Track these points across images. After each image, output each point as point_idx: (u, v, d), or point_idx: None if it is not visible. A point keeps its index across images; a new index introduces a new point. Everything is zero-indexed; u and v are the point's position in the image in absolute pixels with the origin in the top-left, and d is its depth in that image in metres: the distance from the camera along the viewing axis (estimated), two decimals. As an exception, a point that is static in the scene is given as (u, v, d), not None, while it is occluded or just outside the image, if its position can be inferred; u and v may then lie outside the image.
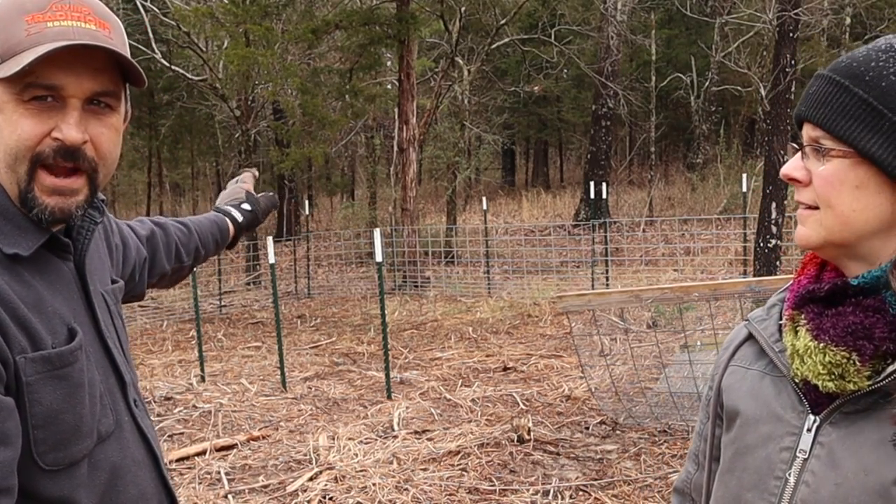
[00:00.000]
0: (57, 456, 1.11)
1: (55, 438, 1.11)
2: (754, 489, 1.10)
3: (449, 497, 4.26)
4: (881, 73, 0.96)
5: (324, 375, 7.18)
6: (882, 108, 0.95)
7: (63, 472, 1.13)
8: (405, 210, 12.69)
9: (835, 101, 0.98)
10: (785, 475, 1.06)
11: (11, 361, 1.06)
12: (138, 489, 1.27)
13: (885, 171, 0.95)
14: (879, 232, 0.98)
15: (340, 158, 24.45)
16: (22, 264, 1.12)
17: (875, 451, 0.98)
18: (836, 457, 1.02)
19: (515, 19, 15.80)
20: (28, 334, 1.08)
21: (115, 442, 1.23)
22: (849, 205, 0.98)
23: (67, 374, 1.13)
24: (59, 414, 1.12)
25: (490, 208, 18.17)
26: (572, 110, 25.30)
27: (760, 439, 1.10)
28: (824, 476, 1.02)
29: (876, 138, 0.95)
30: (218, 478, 4.74)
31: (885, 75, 0.96)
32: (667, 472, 4.43)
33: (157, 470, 1.34)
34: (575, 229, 16.02)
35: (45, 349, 1.10)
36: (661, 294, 4.83)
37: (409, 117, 12.40)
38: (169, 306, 11.17)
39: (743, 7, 15.91)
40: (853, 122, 0.97)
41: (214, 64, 14.51)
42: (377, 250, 6.33)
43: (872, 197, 0.97)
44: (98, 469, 1.19)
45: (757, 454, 1.10)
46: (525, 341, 8.12)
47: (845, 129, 0.97)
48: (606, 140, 18.38)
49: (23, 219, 1.11)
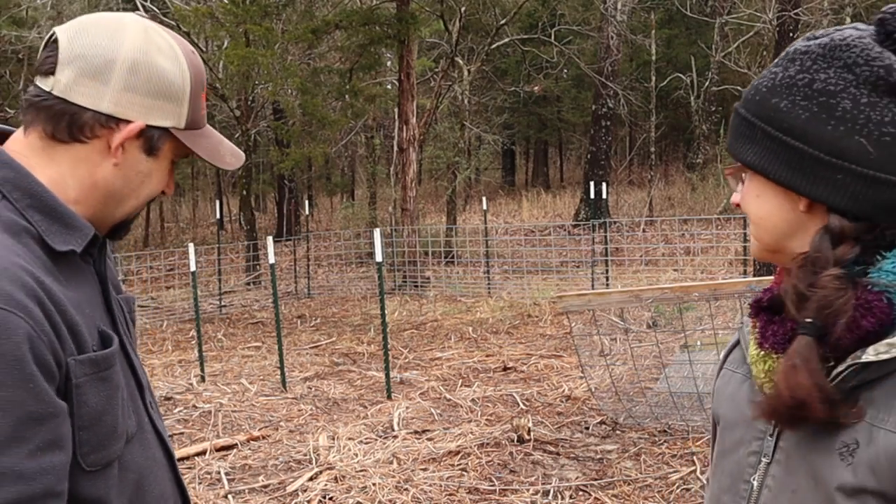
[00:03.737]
0: (97, 457, 1.13)
1: (97, 440, 1.13)
2: (728, 492, 1.11)
3: (449, 497, 4.26)
4: (756, 87, 1.02)
5: (324, 375, 7.18)
6: (754, 119, 1.01)
7: (100, 473, 1.15)
8: (405, 210, 12.69)
9: (732, 127, 1.07)
10: (751, 479, 1.07)
11: (64, 364, 1.07)
12: (160, 489, 1.30)
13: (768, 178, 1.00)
14: (791, 234, 1.02)
15: (340, 158, 24.46)
16: (61, 266, 1.14)
17: (823, 459, 0.98)
18: (792, 463, 1.02)
19: (515, 19, 15.82)
20: (74, 336, 1.09)
21: (138, 444, 1.26)
22: (757, 213, 1.04)
23: (109, 376, 1.16)
24: (102, 415, 1.14)
25: (490, 208, 18.17)
26: (572, 110, 25.31)
27: (734, 443, 1.12)
28: (783, 481, 1.03)
29: (751, 148, 1.01)
30: (218, 478, 4.74)
31: (759, 89, 1.02)
32: (667, 472, 4.43)
33: (174, 470, 1.37)
34: (575, 229, 16.02)
35: (88, 352, 1.12)
36: (661, 294, 4.83)
37: (409, 117, 12.40)
38: (169, 306, 11.18)
39: (743, 7, 15.92)
40: (739, 139, 1.04)
41: (214, 64, 14.51)
42: (377, 250, 6.33)
43: (771, 203, 1.02)
44: (127, 470, 1.21)
45: (731, 457, 1.12)
46: (525, 341, 8.12)
47: (735, 147, 1.05)
48: (606, 140, 18.38)
49: (71, 217, 1.14)
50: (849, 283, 0.94)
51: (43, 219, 1.11)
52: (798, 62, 0.99)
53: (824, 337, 0.95)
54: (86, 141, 1.13)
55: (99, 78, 1.11)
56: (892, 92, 0.92)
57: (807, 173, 0.96)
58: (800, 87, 0.97)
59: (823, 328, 0.94)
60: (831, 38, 0.97)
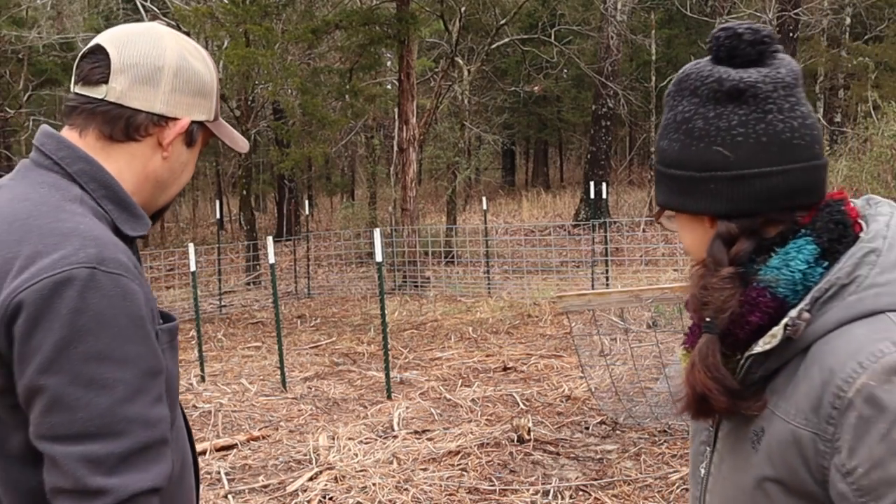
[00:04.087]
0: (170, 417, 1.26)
1: (170, 403, 1.25)
2: (692, 478, 1.21)
3: (449, 497, 4.26)
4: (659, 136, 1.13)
5: (324, 375, 7.18)
6: (656, 165, 1.11)
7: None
8: (405, 210, 12.68)
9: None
10: (701, 467, 1.16)
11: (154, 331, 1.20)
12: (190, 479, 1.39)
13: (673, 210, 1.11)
14: None
15: (340, 158, 24.46)
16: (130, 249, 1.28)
17: (742, 447, 1.04)
18: (725, 451, 1.09)
19: (515, 19, 15.82)
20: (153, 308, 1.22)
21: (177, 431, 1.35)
22: (685, 244, 1.14)
23: (176, 347, 1.30)
24: (173, 380, 1.28)
25: (490, 208, 18.16)
26: (572, 110, 25.29)
27: (694, 433, 1.21)
28: (719, 468, 1.11)
29: (658, 190, 1.12)
30: (218, 478, 4.74)
31: (656, 140, 1.13)
32: (667, 472, 4.43)
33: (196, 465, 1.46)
34: (575, 229, 16.02)
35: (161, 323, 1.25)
36: (661, 294, 4.83)
37: (409, 117, 12.40)
38: (169, 306, 11.17)
39: (743, 7, 15.92)
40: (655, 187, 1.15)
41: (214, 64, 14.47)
42: (377, 250, 6.33)
43: (688, 230, 1.11)
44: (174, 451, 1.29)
45: (693, 447, 1.21)
46: (525, 341, 8.12)
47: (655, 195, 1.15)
48: (606, 140, 18.37)
49: (135, 207, 1.29)
50: (738, 282, 1.01)
51: (114, 208, 1.25)
52: (667, 105, 1.10)
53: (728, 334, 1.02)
54: (140, 139, 1.28)
55: (150, 83, 1.26)
56: (729, 98, 1.02)
57: (691, 194, 1.06)
58: (670, 124, 1.08)
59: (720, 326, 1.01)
60: (677, 75, 1.10)
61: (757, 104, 1.01)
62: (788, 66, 1.03)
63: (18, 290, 1.08)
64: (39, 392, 1.07)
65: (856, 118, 16.74)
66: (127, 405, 1.09)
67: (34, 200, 1.18)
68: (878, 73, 17.51)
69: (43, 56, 16.96)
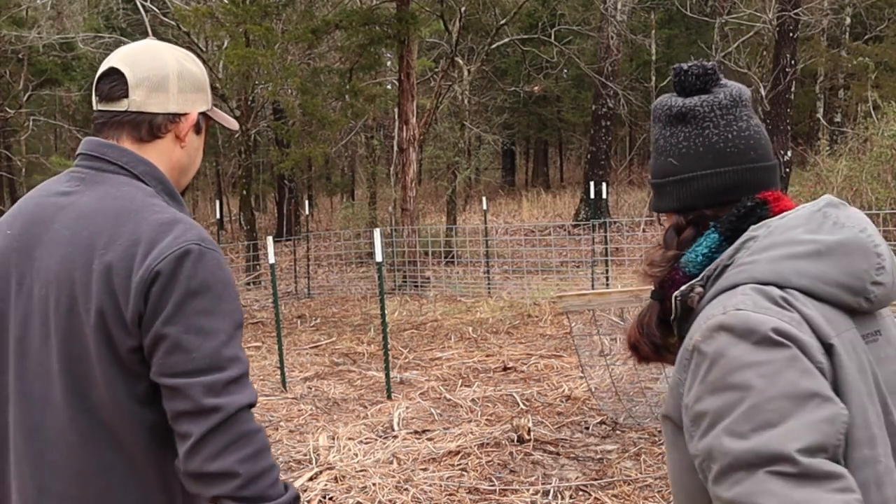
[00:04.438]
0: None
1: None
2: None
3: (449, 497, 4.26)
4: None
5: (324, 375, 7.18)
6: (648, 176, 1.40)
7: None
8: (405, 210, 12.68)
9: None
10: None
11: None
12: None
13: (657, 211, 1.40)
14: None
15: (340, 158, 24.45)
16: None
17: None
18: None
19: (515, 19, 15.81)
20: None
21: None
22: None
23: None
24: None
25: (490, 208, 18.15)
26: (572, 110, 25.28)
27: None
28: None
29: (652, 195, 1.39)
30: (218, 478, 4.73)
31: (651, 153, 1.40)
32: (667, 472, 4.42)
33: None
34: (575, 229, 16.02)
35: None
36: (661, 294, 4.82)
37: (409, 117, 12.39)
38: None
39: (743, 7, 15.92)
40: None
41: (214, 64, 14.51)
42: (377, 250, 6.33)
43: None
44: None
45: None
46: (525, 341, 8.12)
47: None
48: (606, 140, 18.37)
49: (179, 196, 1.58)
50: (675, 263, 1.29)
51: (169, 199, 1.52)
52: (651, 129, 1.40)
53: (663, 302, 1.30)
54: (162, 136, 1.55)
55: (161, 89, 1.53)
56: (678, 120, 1.32)
57: (660, 196, 1.35)
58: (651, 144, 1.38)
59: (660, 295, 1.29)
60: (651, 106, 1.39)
61: (696, 123, 1.30)
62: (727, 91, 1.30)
63: (155, 261, 1.37)
64: (163, 339, 1.36)
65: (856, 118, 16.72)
66: (225, 348, 1.39)
67: (125, 198, 1.45)
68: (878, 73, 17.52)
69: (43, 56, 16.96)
